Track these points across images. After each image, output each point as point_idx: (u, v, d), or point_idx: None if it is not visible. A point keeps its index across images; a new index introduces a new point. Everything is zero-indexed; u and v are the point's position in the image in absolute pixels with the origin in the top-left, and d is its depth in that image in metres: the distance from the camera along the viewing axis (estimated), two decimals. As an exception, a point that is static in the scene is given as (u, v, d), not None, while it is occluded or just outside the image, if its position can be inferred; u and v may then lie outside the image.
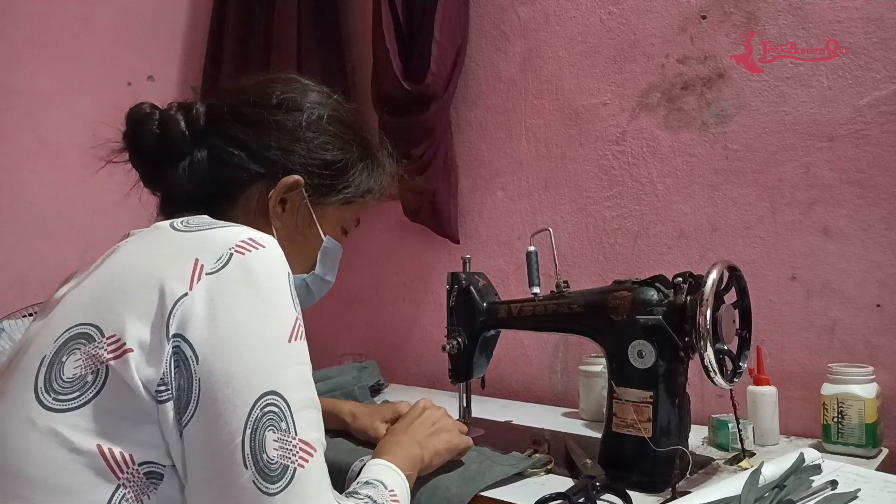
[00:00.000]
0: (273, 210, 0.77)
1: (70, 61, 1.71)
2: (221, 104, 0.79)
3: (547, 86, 1.52)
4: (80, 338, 0.60)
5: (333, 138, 0.80)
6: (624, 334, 0.91)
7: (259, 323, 0.61)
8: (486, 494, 0.86)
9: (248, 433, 0.58)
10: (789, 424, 1.15)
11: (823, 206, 1.18)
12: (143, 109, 0.78)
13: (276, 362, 0.61)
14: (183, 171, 0.75)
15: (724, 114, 1.28)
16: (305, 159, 0.77)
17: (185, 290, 0.60)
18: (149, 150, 0.76)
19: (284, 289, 0.64)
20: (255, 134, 0.76)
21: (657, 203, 1.36)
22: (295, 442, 0.60)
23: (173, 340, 0.58)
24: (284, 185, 0.76)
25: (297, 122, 0.78)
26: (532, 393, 1.52)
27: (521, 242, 1.55)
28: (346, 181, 0.81)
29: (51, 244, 1.60)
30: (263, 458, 0.58)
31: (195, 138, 0.76)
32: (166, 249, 0.65)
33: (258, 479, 0.57)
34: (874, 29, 1.14)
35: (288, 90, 0.79)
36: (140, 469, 0.58)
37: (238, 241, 0.63)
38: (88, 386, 0.58)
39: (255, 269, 0.62)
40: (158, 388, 0.58)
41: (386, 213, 1.78)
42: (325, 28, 1.80)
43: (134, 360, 0.58)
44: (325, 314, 1.96)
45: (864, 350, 1.14)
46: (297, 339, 0.63)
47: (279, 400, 0.60)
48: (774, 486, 0.78)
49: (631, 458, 0.90)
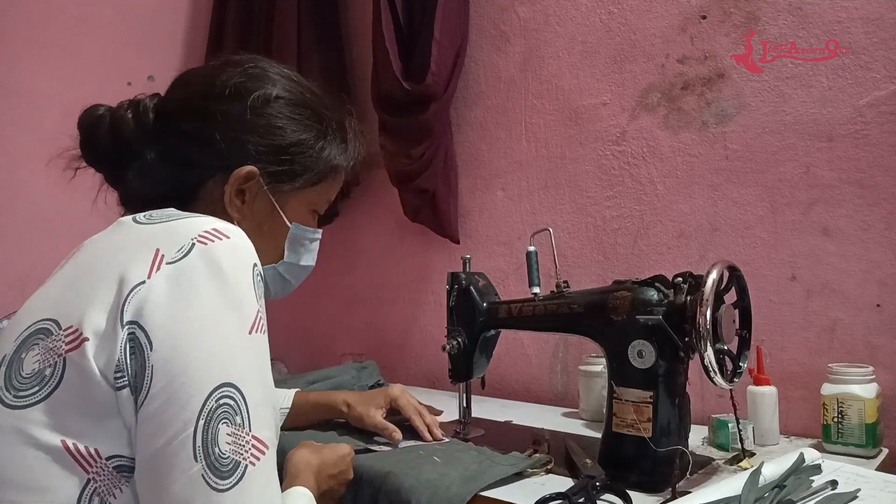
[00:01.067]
0: (230, 203, 0.74)
1: (70, 61, 1.71)
2: (170, 97, 0.77)
3: (547, 86, 1.52)
4: (38, 333, 0.60)
5: (285, 120, 0.77)
6: (624, 334, 0.91)
7: (219, 313, 0.59)
8: (486, 494, 0.86)
9: (202, 424, 0.56)
10: (789, 424, 1.15)
11: (823, 206, 1.18)
12: (94, 112, 0.77)
13: (235, 354, 0.59)
14: (136, 170, 0.74)
15: (724, 114, 1.28)
16: (256, 147, 0.75)
17: (143, 277, 0.59)
18: (102, 151, 0.75)
19: (247, 281, 0.62)
20: (203, 127, 0.74)
21: (657, 203, 1.36)
22: (248, 438, 0.58)
23: (128, 327, 0.57)
24: (237, 177, 0.74)
25: (243, 108, 0.74)
26: (532, 393, 1.52)
27: (521, 242, 1.55)
28: (305, 163, 0.78)
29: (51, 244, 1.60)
30: (215, 451, 0.56)
31: (146, 137, 0.74)
32: (128, 241, 0.64)
33: (208, 473, 0.56)
34: (874, 29, 1.14)
35: (234, 75, 0.76)
36: (108, 463, 0.57)
37: (201, 231, 0.62)
38: (47, 380, 0.58)
39: (217, 259, 0.61)
40: (115, 374, 0.57)
41: (386, 213, 1.78)
42: (325, 28, 1.81)
43: (90, 349, 0.57)
44: (325, 314, 1.96)
45: (864, 350, 1.14)
46: (258, 331, 0.62)
47: (235, 392, 0.58)
48: (774, 486, 0.78)
49: (631, 458, 0.90)
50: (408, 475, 0.89)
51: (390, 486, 0.88)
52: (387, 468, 0.91)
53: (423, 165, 1.56)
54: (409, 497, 0.85)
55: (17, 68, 1.62)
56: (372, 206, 1.82)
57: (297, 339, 1.99)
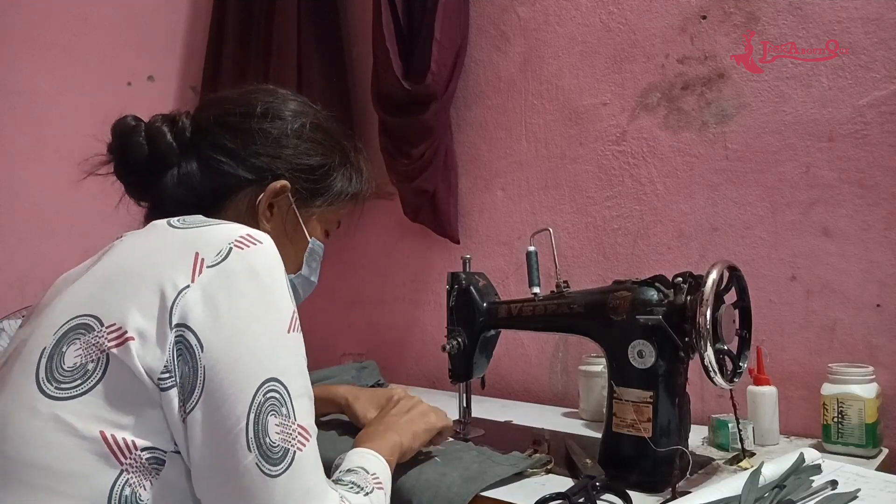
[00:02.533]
0: (262, 214, 0.79)
1: (70, 61, 1.71)
2: (205, 114, 0.81)
3: (547, 86, 1.52)
4: (79, 328, 0.62)
5: (316, 144, 0.83)
6: (624, 334, 0.91)
7: (261, 313, 0.63)
8: (487, 494, 0.86)
9: (252, 417, 0.60)
10: (789, 424, 1.15)
11: (823, 206, 1.19)
12: (128, 122, 0.80)
13: (277, 351, 0.63)
14: (172, 180, 0.77)
15: (724, 114, 1.29)
16: (291, 165, 0.81)
17: (187, 282, 0.62)
18: (137, 161, 0.78)
19: (282, 283, 0.66)
20: (243, 142, 0.79)
21: (657, 203, 1.36)
22: (294, 426, 0.62)
23: (176, 330, 0.60)
24: (273, 190, 0.79)
25: (281, 129, 0.81)
26: (532, 393, 1.52)
27: (521, 242, 1.55)
28: (329, 185, 0.85)
29: (51, 244, 1.60)
30: (266, 441, 0.60)
31: (182, 149, 0.78)
32: (166, 244, 0.67)
33: (261, 461, 0.60)
34: (874, 29, 1.14)
35: (270, 100, 0.82)
36: (142, 455, 0.59)
37: (237, 236, 0.66)
38: (90, 374, 0.60)
39: (254, 262, 0.64)
40: (161, 375, 0.60)
41: (386, 213, 1.78)
42: (325, 28, 1.81)
43: (135, 348, 0.60)
44: (325, 314, 1.96)
45: (864, 350, 1.14)
46: (294, 330, 0.66)
47: (280, 386, 0.62)
48: (774, 486, 0.78)
49: (631, 458, 0.90)
50: (408, 475, 0.89)
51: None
52: (387, 468, 0.91)
53: (423, 165, 1.56)
54: (409, 497, 0.85)
55: (17, 68, 1.62)
56: (372, 206, 1.82)
57: (297, 339, 1.99)
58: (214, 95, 0.87)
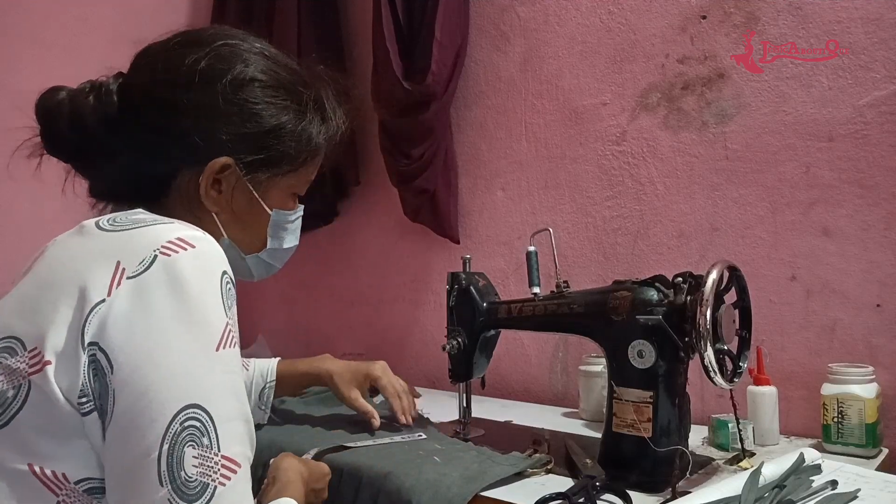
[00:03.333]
0: (206, 196, 0.71)
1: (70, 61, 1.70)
2: (133, 82, 0.72)
3: (547, 86, 1.52)
4: (3, 352, 0.58)
5: (261, 105, 0.72)
6: (624, 334, 0.91)
7: (183, 330, 0.57)
8: (487, 494, 0.86)
9: (166, 448, 0.54)
10: (789, 424, 1.15)
11: (823, 206, 1.18)
12: (54, 96, 0.71)
13: (201, 372, 0.57)
14: (104, 163, 0.70)
15: (724, 114, 1.28)
16: (230, 136, 0.70)
17: (103, 295, 0.56)
18: (63, 142, 0.71)
19: (215, 293, 0.60)
20: (171, 119, 0.69)
21: (657, 203, 1.36)
22: (217, 459, 0.56)
23: (89, 349, 0.55)
24: (211, 169, 0.70)
25: (213, 96, 0.69)
26: (532, 393, 1.52)
27: (521, 242, 1.55)
28: (284, 149, 0.74)
29: (51, 244, 1.60)
30: (181, 475, 0.54)
31: (110, 126, 0.70)
32: (88, 251, 0.61)
33: (174, 497, 0.54)
34: (874, 29, 1.14)
35: (201, 58, 0.70)
36: (78, 487, 0.56)
37: (165, 241, 0.60)
38: (10, 402, 0.56)
39: (180, 271, 0.58)
40: (80, 399, 0.55)
41: (386, 213, 1.78)
42: (325, 28, 1.81)
43: (52, 372, 0.55)
44: (325, 314, 1.96)
45: (864, 350, 1.14)
46: (226, 346, 0.59)
47: (201, 413, 0.56)
48: (774, 486, 0.78)
49: (631, 458, 0.90)
50: (408, 475, 0.89)
51: (391, 487, 0.88)
52: (387, 468, 0.91)
53: (423, 165, 1.56)
54: (409, 497, 0.85)
55: (18, 68, 1.62)
56: (372, 206, 1.82)
57: (297, 339, 1.99)
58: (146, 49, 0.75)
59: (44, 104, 0.72)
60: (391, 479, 0.89)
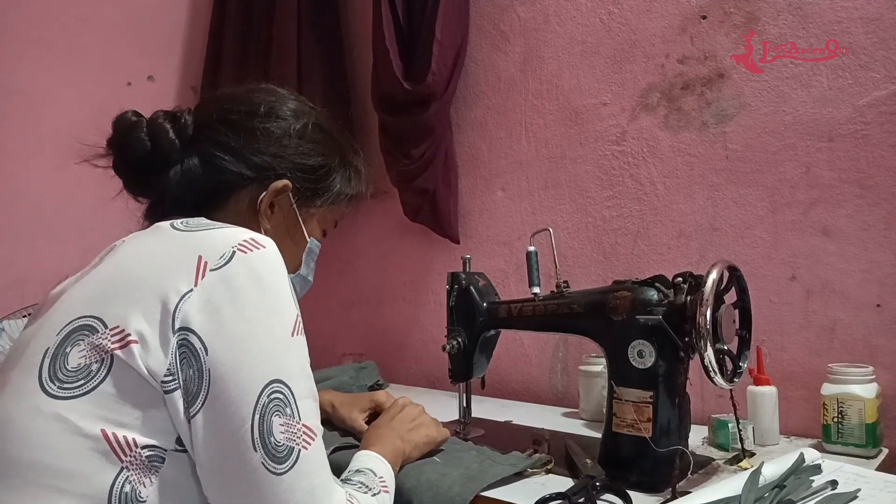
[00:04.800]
0: (264, 212, 0.80)
1: (70, 61, 1.71)
2: (207, 112, 0.82)
3: (547, 86, 1.52)
4: (83, 329, 0.63)
5: (317, 145, 0.84)
6: (624, 334, 0.91)
7: (264, 317, 0.64)
8: (487, 494, 0.86)
9: (257, 418, 0.61)
10: (789, 424, 1.15)
11: (823, 206, 1.19)
12: (129, 118, 0.79)
13: (281, 353, 0.65)
14: (175, 176, 0.77)
15: (724, 114, 1.29)
16: (292, 164, 0.81)
17: (190, 286, 0.62)
18: (138, 157, 0.77)
19: (285, 287, 0.67)
20: (245, 140, 0.79)
21: (657, 203, 1.36)
22: (299, 426, 0.64)
23: (179, 333, 0.61)
24: (275, 189, 0.79)
25: (284, 129, 0.81)
26: (532, 393, 1.52)
27: (521, 242, 1.55)
28: (329, 185, 0.85)
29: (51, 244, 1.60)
30: (271, 440, 0.62)
31: (184, 146, 0.78)
32: (169, 247, 0.67)
33: (267, 460, 0.61)
34: (874, 29, 1.14)
35: (272, 99, 0.83)
36: (142, 452, 0.60)
37: (240, 240, 0.66)
38: (93, 374, 0.61)
39: (257, 267, 0.65)
40: (165, 378, 0.61)
41: (386, 213, 1.78)
42: (325, 28, 1.81)
43: (137, 351, 0.60)
44: (325, 314, 1.96)
45: (864, 350, 1.14)
46: (298, 333, 0.67)
47: (284, 388, 0.63)
48: (774, 486, 0.78)
49: (631, 458, 0.90)
50: (408, 476, 0.89)
51: (390, 487, 0.88)
52: (387, 468, 0.91)
53: (423, 165, 1.56)
54: (410, 497, 0.85)
55: (18, 68, 1.62)
56: (372, 206, 1.82)
57: (297, 339, 1.99)
58: (216, 93, 0.87)
59: (121, 122, 0.79)
60: (391, 479, 0.89)
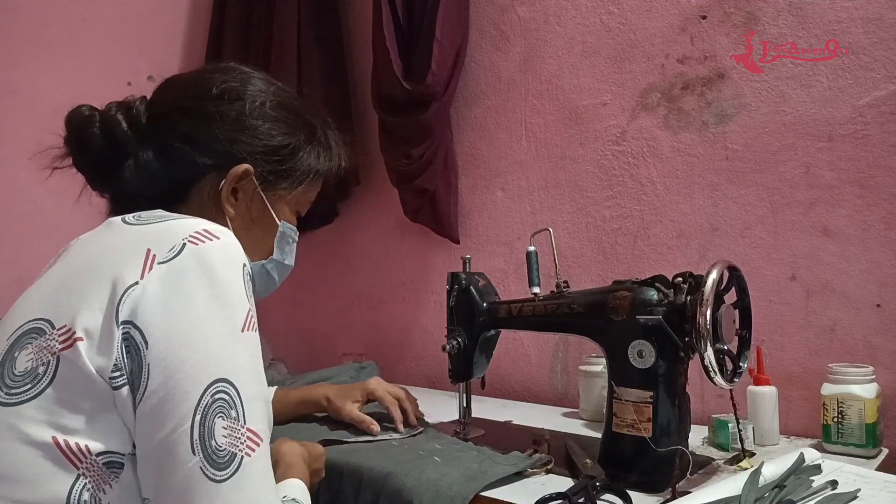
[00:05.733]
0: (226, 200, 0.77)
1: (70, 61, 1.70)
2: (161, 99, 0.79)
3: (547, 86, 1.52)
4: (32, 332, 0.61)
5: (278, 124, 0.80)
6: (624, 334, 0.91)
7: (212, 311, 0.61)
8: (487, 494, 0.86)
9: (198, 419, 0.58)
10: (789, 424, 1.15)
11: (823, 206, 1.19)
12: (82, 112, 0.77)
13: (229, 351, 0.61)
14: (130, 170, 0.75)
15: (724, 114, 1.29)
16: (252, 147, 0.78)
17: (136, 278, 0.60)
18: (94, 152, 0.76)
19: (238, 280, 0.64)
20: (200, 126, 0.76)
21: (657, 203, 1.36)
22: (243, 430, 0.60)
23: (123, 327, 0.59)
24: (234, 175, 0.76)
25: (240, 110, 0.78)
26: (532, 393, 1.52)
27: (521, 242, 1.55)
28: (295, 165, 0.82)
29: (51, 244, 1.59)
30: (212, 444, 0.58)
31: (139, 137, 0.76)
32: (118, 242, 0.66)
33: (205, 465, 0.58)
34: (874, 29, 1.14)
35: (227, 80, 0.79)
36: (98, 459, 0.59)
37: (192, 231, 0.64)
38: (40, 377, 0.59)
39: (208, 259, 0.63)
40: (112, 374, 0.58)
41: (386, 213, 1.78)
42: (325, 28, 1.81)
43: (84, 349, 0.59)
44: (325, 314, 1.96)
45: (864, 350, 1.14)
46: (249, 329, 0.64)
47: (230, 387, 0.60)
48: (774, 486, 0.78)
49: (631, 458, 0.90)
50: (409, 475, 0.89)
51: (391, 487, 0.88)
52: (388, 469, 0.91)
53: (423, 165, 1.56)
54: (410, 497, 0.85)
55: (18, 68, 1.62)
56: (372, 206, 1.82)
57: (297, 339, 1.99)
58: (171, 77, 0.83)
59: (74, 119, 0.77)
60: (392, 479, 0.89)
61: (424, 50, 1.52)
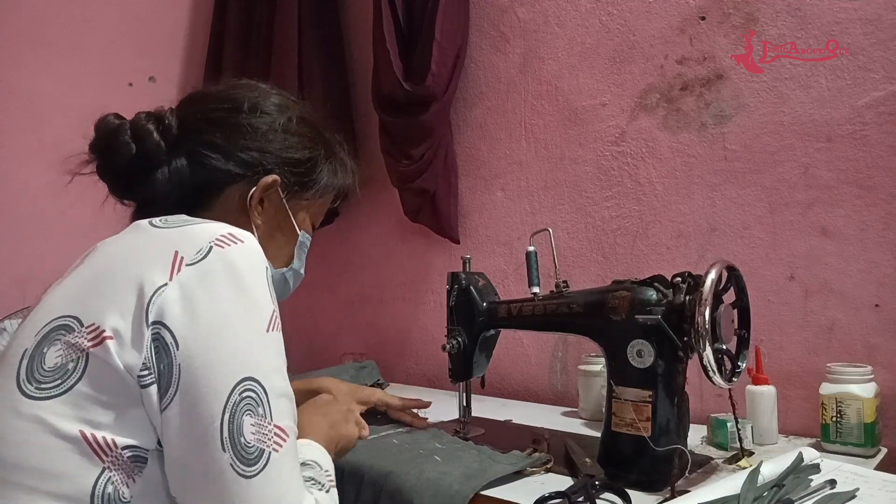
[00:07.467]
0: (254, 208, 0.80)
1: (70, 61, 1.71)
2: (190, 111, 0.81)
3: (546, 87, 1.52)
4: (60, 329, 0.62)
5: (302, 138, 0.84)
6: (623, 334, 0.91)
7: (239, 312, 0.63)
8: (487, 493, 0.86)
9: (227, 417, 0.60)
10: (788, 424, 1.15)
11: (822, 206, 1.19)
12: (112, 121, 0.79)
13: (255, 350, 0.63)
14: (162, 177, 0.77)
15: (723, 114, 1.29)
16: (279, 159, 0.81)
17: (165, 280, 0.62)
18: (124, 161, 0.77)
19: (262, 282, 0.66)
20: (231, 137, 0.79)
21: (656, 203, 1.37)
22: (270, 427, 0.62)
23: (153, 327, 0.60)
24: (264, 184, 0.79)
25: (268, 123, 0.82)
26: (532, 392, 1.53)
27: (521, 242, 1.55)
28: (316, 178, 0.86)
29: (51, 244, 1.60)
30: (241, 441, 0.60)
31: (170, 146, 0.78)
32: (146, 244, 0.67)
33: (235, 461, 0.59)
34: (873, 29, 1.14)
35: (254, 95, 0.83)
36: (123, 453, 0.60)
37: (218, 235, 0.66)
38: (69, 374, 0.60)
39: (234, 261, 0.64)
40: (141, 372, 0.60)
41: (386, 213, 1.78)
42: (325, 29, 1.81)
43: (113, 347, 0.60)
44: (325, 314, 1.96)
45: (863, 350, 1.14)
46: (273, 329, 0.66)
47: (257, 386, 0.62)
48: (773, 485, 0.79)
49: (630, 457, 0.90)
50: (409, 474, 0.89)
51: (392, 486, 0.89)
52: (388, 468, 0.92)
53: (424, 166, 1.56)
54: (410, 496, 0.86)
55: (18, 68, 1.62)
56: (372, 207, 1.83)
57: (297, 339, 2.00)
58: (197, 91, 0.86)
59: (103, 127, 0.79)
60: (392, 478, 0.89)
61: (424, 51, 1.52)
